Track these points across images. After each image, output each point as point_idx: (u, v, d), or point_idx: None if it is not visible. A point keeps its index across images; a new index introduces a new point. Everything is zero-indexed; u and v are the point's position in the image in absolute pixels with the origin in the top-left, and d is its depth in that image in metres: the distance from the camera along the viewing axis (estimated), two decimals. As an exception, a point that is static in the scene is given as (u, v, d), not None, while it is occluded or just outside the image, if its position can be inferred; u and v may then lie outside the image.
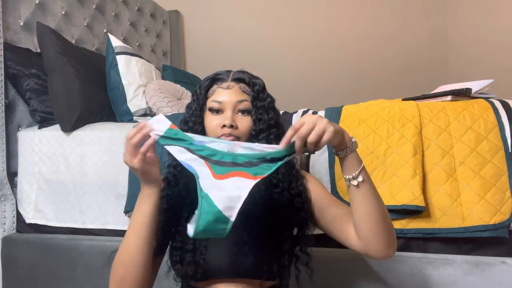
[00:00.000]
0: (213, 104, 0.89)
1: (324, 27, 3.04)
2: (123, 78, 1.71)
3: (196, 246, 0.87)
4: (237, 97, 0.89)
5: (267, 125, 0.89)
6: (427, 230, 1.15)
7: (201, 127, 0.92)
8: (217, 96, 0.90)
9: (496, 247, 1.15)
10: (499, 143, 1.17)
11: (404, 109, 1.26)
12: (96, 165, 1.42)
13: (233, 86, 0.90)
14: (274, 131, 0.90)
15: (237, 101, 0.89)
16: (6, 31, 1.56)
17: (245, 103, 0.89)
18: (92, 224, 1.43)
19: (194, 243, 0.88)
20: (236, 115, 0.89)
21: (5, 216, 1.48)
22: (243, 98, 0.89)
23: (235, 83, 0.90)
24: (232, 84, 0.90)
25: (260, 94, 0.91)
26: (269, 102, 0.92)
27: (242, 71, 0.94)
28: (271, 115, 0.91)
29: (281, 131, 0.93)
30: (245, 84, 0.91)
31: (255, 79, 0.93)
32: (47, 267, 1.41)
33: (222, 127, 0.87)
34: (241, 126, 0.88)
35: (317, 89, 2.99)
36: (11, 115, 1.55)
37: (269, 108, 0.91)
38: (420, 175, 1.16)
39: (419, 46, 3.02)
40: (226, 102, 0.89)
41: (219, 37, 3.02)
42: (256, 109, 0.90)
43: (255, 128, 0.89)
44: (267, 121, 0.89)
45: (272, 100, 0.94)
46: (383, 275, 1.17)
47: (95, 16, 2.13)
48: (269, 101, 0.92)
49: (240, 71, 0.94)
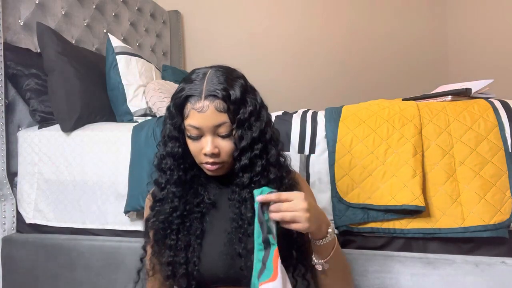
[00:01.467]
0: (190, 130, 0.83)
1: (324, 27, 3.04)
2: (123, 78, 1.70)
3: (189, 258, 0.86)
4: (213, 121, 0.81)
5: (250, 141, 0.83)
6: (427, 230, 1.15)
7: (181, 149, 0.88)
8: (193, 120, 0.82)
9: (496, 247, 1.15)
10: (499, 143, 1.17)
11: (404, 109, 1.26)
12: (96, 165, 1.42)
13: (208, 107, 0.80)
14: (259, 146, 0.84)
15: (214, 126, 0.82)
16: (6, 31, 1.56)
17: (224, 126, 0.82)
18: (92, 224, 1.43)
19: (186, 254, 0.87)
20: (216, 139, 0.83)
21: (5, 216, 1.48)
22: (220, 122, 0.81)
23: (210, 102, 0.80)
24: (206, 104, 0.80)
25: (240, 107, 0.82)
26: (251, 112, 0.83)
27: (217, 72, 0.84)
28: (254, 128, 0.83)
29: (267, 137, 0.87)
30: (220, 100, 0.81)
31: (232, 86, 0.82)
32: (47, 267, 1.41)
33: (204, 154, 0.84)
34: (222, 151, 0.84)
35: (317, 89, 2.99)
36: (11, 115, 1.55)
37: (251, 118, 0.83)
38: (420, 175, 1.16)
39: (419, 46, 3.02)
40: (204, 127, 0.82)
41: (219, 37, 3.02)
42: (237, 127, 0.82)
43: (237, 149, 0.83)
44: (250, 137, 0.83)
45: (255, 107, 0.84)
46: (383, 275, 1.17)
47: (95, 16, 2.13)
48: (251, 111, 0.83)
49: (215, 73, 0.84)
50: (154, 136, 1.36)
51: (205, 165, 0.86)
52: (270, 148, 0.87)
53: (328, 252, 0.81)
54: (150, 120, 1.46)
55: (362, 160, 1.21)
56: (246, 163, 0.84)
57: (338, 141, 1.24)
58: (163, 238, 0.89)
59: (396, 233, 1.17)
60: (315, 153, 1.26)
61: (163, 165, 0.91)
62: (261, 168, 0.85)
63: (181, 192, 0.89)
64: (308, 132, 1.28)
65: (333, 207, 1.22)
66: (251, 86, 0.88)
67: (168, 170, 0.90)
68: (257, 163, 0.84)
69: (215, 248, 0.87)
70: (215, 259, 0.86)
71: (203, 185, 0.93)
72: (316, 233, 0.79)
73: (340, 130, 1.25)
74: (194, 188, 0.92)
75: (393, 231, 1.17)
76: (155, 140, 1.35)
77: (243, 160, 0.84)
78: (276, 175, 0.87)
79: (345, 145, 1.23)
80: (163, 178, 0.91)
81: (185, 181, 0.90)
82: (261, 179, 0.85)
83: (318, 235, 0.80)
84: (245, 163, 0.84)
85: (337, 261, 0.84)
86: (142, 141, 1.37)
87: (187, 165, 0.90)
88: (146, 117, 1.69)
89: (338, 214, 1.20)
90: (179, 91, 0.85)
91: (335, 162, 1.22)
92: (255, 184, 0.85)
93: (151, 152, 1.34)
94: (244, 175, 0.85)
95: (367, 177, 1.19)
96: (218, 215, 0.91)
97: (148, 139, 1.36)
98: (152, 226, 0.90)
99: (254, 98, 0.86)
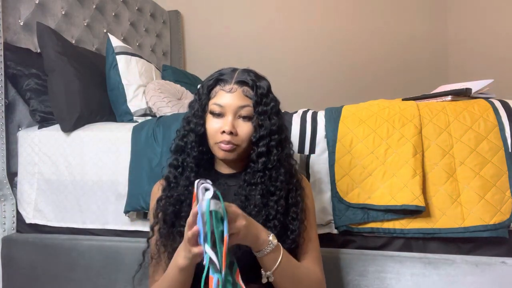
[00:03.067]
0: (214, 107, 0.89)
1: (325, 27, 3.04)
2: (123, 78, 1.70)
3: None
4: (239, 102, 0.87)
5: (269, 131, 0.88)
6: (427, 230, 1.15)
7: (203, 129, 0.91)
8: (219, 99, 0.88)
9: (496, 247, 1.15)
10: (499, 143, 1.17)
11: (404, 109, 1.26)
12: (96, 165, 1.42)
13: (236, 90, 0.88)
14: (276, 137, 0.89)
15: (239, 106, 0.87)
16: (6, 31, 1.56)
17: (247, 108, 0.88)
18: (92, 224, 1.43)
19: None
20: (237, 120, 0.88)
21: (5, 216, 1.48)
22: (245, 104, 0.88)
23: (238, 86, 0.88)
24: (235, 87, 0.88)
25: (264, 98, 0.89)
26: (272, 106, 0.90)
27: (247, 70, 0.92)
28: (273, 121, 0.89)
29: (283, 136, 0.92)
30: (249, 88, 0.89)
31: (260, 81, 0.90)
32: (47, 267, 1.41)
33: (222, 132, 0.87)
34: (241, 133, 0.88)
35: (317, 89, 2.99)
36: (11, 115, 1.55)
37: (271, 113, 0.89)
38: (420, 175, 1.16)
39: (420, 46, 3.02)
40: (228, 106, 0.87)
41: (219, 37, 3.02)
42: (258, 114, 0.88)
43: (255, 135, 0.88)
44: (269, 127, 0.88)
45: (276, 104, 0.91)
46: (383, 275, 1.17)
47: (95, 16, 2.13)
48: (273, 106, 0.90)
49: (245, 70, 0.92)
50: (154, 136, 1.36)
51: (220, 144, 0.88)
52: (284, 145, 0.92)
53: (271, 263, 0.80)
54: (150, 120, 1.46)
55: (362, 160, 1.21)
56: (263, 150, 0.87)
57: (338, 141, 1.24)
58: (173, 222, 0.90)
59: (396, 233, 1.17)
60: (315, 153, 1.26)
61: (185, 140, 0.92)
62: (276, 158, 0.88)
63: (197, 169, 0.91)
64: (308, 132, 1.28)
65: (333, 207, 1.22)
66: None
67: (189, 145, 0.92)
68: (272, 152, 0.88)
69: None
70: None
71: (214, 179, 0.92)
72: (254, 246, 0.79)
73: (340, 130, 1.25)
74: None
75: (393, 231, 1.17)
76: (155, 140, 1.35)
77: (260, 146, 0.88)
78: (286, 170, 0.90)
79: (345, 145, 1.23)
80: (180, 157, 0.93)
81: (201, 161, 0.93)
82: (273, 170, 0.88)
83: (256, 248, 0.79)
84: (262, 150, 0.87)
85: (285, 272, 0.82)
86: (142, 141, 1.37)
87: (204, 149, 0.93)
88: (146, 117, 1.69)
89: (338, 214, 1.20)
90: (210, 77, 0.92)
91: (335, 162, 1.22)
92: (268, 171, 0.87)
93: (151, 152, 1.34)
94: (259, 161, 0.88)
95: (367, 177, 1.19)
96: None
97: (148, 139, 1.36)
98: (164, 205, 0.91)
99: (275, 99, 0.92)
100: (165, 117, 1.45)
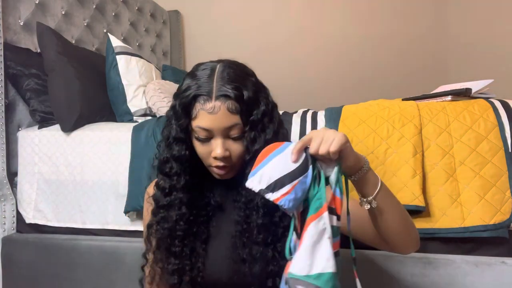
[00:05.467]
0: (199, 131, 0.77)
1: (325, 27, 3.04)
2: (123, 78, 1.70)
3: (193, 264, 0.83)
4: (225, 122, 0.75)
5: (263, 143, 0.76)
6: (427, 230, 1.15)
7: (188, 151, 0.81)
8: (202, 122, 0.75)
9: (496, 247, 1.15)
10: (499, 143, 1.17)
11: (404, 109, 1.26)
12: (96, 165, 1.42)
13: (219, 109, 0.74)
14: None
15: (226, 128, 0.76)
16: (6, 31, 1.56)
17: (236, 128, 0.76)
18: (92, 224, 1.42)
19: (191, 261, 0.82)
20: (227, 141, 0.78)
21: (5, 216, 1.48)
22: (232, 123, 0.76)
23: (221, 102, 0.74)
24: (218, 106, 0.74)
25: (253, 107, 0.77)
26: (264, 112, 0.78)
27: (227, 69, 0.78)
28: (268, 130, 0.78)
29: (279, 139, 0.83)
30: (233, 101, 0.75)
31: (244, 84, 0.77)
32: (47, 267, 1.41)
33: (214, 158, 0.78)
34: (233, 154, 0.78)
35: (317, 89, 2.99)
36: (11, 115, 1.55)
37: (264, 119, 0.78)
38: (420, 175, 1.16)
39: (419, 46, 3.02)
40: (214, 130, 0.76)
41: (219, 37, 3.02)
42: (250, 130, 0.77)
43: (249, 153, 0.77)
44: (263, 140, 0.77)
45: (267, 107, 0.79)
46: (383, 275, 1.17)
47: (95, 16, 2.13)
48: (264, 110, 0.78)
49: (223, 76, 0.76)
50: (154, 136, 1.36)
51: (213, 169, 0.80)
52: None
53: (372, 186, 0.71)
54: (150, 120, 1.46)
55: (362, 160, 1.20)
56: None
57: (338, 141, 1.24)
58: (168, 246, 0.83)
59: (396, 233, 1.17)
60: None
61: (167, 170, 0.83)
62: None
63: (189, 197, 0.83)
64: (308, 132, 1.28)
65: (333, 207, 1.21)
66: (261, 83, 0.83)
67: (175, 175, 0.82)
68: None
69: (219, 252, 0.83)
70: (219, 263, 0.83)
71: (210, 187, 0.88)
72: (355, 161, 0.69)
73: (340, 130, 1.25)
74: (201, 191, 0.87)
75: (393, 231, 1.17)
76: (155, 140, 1.35)
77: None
78: None
79: (345, 145, 1.23)
80: (167, 182, 0.83)
81: (192, 185, 0.84)
82: None
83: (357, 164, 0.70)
84: None
85: (387, 197, 0.73)
86: (142, 141, 1.37)
87: (193, 169, 0.83)
88: (146, 117, 1.69)
89: (338, 214, 1.20)
90: (185, 89, 0.77)
91: (335, 162, 1.22)
92: None
93: (151, 152, 1.33)
94: None
95: (367, 177, 1.19)
96: (224, 218, 0.87)
97: (148, 139, 1.36)
98: (156, 233, 0.85)
99: (266, 97, 0.81)
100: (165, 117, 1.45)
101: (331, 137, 0.64)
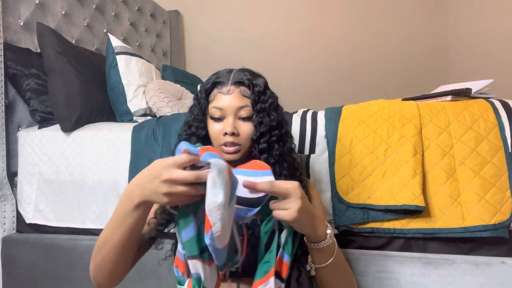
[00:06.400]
0: (214, 111, 0.91)
1: (325, 27, 3.04)
2: (123, 78, 1.71)
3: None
4: (237, 102, 0.89)
5: (268, 128, 0.90)
6: (427, 230, 1.15)
7: (205, 132, 0.94)
8: (218, 102, 0.90)
9: (496, 247, 1.15)
10: (499, 143, 1.17)
11: (404, 109, 1.26)
12: (96, 165, 1.42)
13: (233, 91, 0.90)
14: (276, 132, 0.91)
15: (238, 107, 0.89)
16: (6, 31, 1.56)
17: (246, 109, 0.90)
18: (92, 224, 1.42)
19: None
20: (237, 121, 0.90)
21: (5, 216, 1.48)
22: (243, 104, 0.90)
23: (235, 86, 0.90)
24: (232, 89, 0.90)
25: (261, 96, 0.91)
26: (271, 103, 0.92)
27: (243, 70, 0.94)
28: (272, 117, 0.91)
29: (283, 131, 0.94)
30: (246, 87, 0.90)
31: (256, 79, 0.92)
32: (47, 267, 1.41)
33: (225, 134, 0.89)
34: (242, 133, 0.90)
35: (317, 89, 2.99)
36: (11, 115, 1.55)
37: (270, 109, 0.91)
38: (420, 175, 1.16)
39: (420, 46, 3.02)
40: (227, 108, 0.90)
41: (219, 37, 3.02)
42: (257, 112, 0.90)
43: (256, 133, 0.90)
44: (268, 124, 0.90)
45: (274, 100, 0.93)
46: (383, 275, 1.17)
47: (95, 16, 2.13)
48: (271, 102, 0.92)
49: (241, 70, 0.93)
50: (154, 136, 1.36)
51: (223, 147, 0.90)
52: (285, 140, 0.94)
53: (326, 257, 0.79)
54: (150, 120, 1.46)
55: (362, 160, 1.21)
56: (264, 147, 0.90)
57: (338, 141, 1.24)
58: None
59: (396, 233, 1.17)
60: (315, 153, 1.26)
61: None
62: (278, 153, 0.90)
63: None
64: (308, 132, 1.28)
65: (333, 207, 1.22)
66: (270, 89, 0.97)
67: None
68: (274, 147, 0.90)
69: None
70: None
71: None
72: (311, 236, 0.76)
73: (340, 130, 1.25)
74: None
75: (393, 231, 1.17)
76: (155, 140, 1.35)
77: (261, 143, 0.90)
78: (289, 164, 0.92)
79: (345, 145, 1.23)
80: None
81: None
82: (276, 164, 0.90)
83: (312, 238, 0.77)
84: (263, 146, 0.90)
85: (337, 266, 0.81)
86: (142, 141, 1.37)
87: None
88: (146, 117, 1.69)
89: (338, 214, 1.20)
90: (207, 81, 0.94)
91: (335, 162, 1.22)
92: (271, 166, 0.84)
93: (151, 152, 1.34)
94: (261, 157, 0.90)
95: (367, 177, 1.19)
96: None
97: (148, 139, 1.36)
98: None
99: (273, 95, 0.94)
100: (165, 117, 1.45)
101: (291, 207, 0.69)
